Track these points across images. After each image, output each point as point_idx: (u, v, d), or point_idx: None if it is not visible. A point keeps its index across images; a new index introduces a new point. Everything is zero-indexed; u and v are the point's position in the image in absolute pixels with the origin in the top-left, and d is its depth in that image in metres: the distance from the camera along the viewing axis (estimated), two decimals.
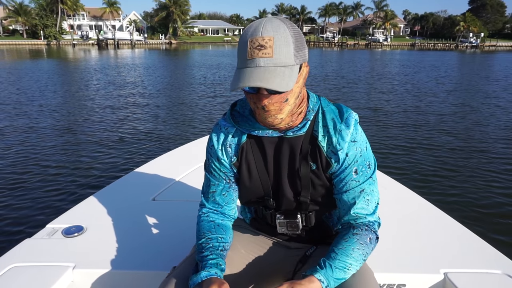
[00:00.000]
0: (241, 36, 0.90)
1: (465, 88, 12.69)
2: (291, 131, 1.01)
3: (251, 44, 0.85)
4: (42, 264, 1.33)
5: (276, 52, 0.85)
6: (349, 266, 0.97)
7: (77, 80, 13.84)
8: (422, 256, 1.41)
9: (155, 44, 61.84)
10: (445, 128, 7.00)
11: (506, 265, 1.34)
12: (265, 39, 0.85)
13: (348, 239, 1.01)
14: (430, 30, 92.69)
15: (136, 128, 6.80)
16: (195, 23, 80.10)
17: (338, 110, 1.04)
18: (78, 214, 1.74)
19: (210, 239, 1.07)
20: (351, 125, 1.01)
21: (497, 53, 48.34)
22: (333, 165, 1.03)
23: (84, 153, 5.31)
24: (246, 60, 0.86)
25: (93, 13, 69.15)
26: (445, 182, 4.33)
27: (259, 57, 0.85)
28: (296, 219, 1.11)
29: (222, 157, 1.09)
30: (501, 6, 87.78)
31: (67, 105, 8.95)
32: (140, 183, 2.12)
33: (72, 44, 52.03)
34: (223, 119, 1.12)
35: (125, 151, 5.43)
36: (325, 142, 1.02)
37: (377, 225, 1.07)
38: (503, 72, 19.04)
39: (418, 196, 2.00)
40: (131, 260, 1.37)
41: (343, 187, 1.04)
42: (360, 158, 1.02)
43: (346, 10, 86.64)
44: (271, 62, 0.85)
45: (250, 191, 1.11)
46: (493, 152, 5.55)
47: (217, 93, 11.28)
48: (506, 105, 9.47)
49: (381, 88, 12.49)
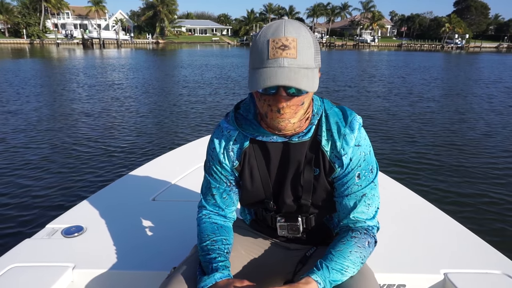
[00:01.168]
0: (258, 36, 0.87)
1: (460, 89, 12.68)
2: (296, 136, 0.99)
3: (273, 44, 0.82)
4: (42, 264, 1.33)
5: (299, 53, 0.83)
6: (346, 268, 0.97)
7: (73, 79, 13.65)
8: (422, 256, 1.41)
9: (142, 44, 61.14)
10: (444, 128, 6.99)
11: (506, 265, 1.34)
12: (288, 39, 0.82)
13: (346, 242, 1.01)
14: (416, 31, 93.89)
15: (136, 128, 6.81)
16: (182, 23, 79.40)
17: (342, 113, 1.02)
18: (78, 214, 1.73)
19: (215, 241, 1.05)
20: (356, 129, 0.99)
21: (482, 54, 49.34)
22: (336, 170, 1.01)
23: (84, 153, 5.29)
24: (266, 60, 0.83)
25: (78, 11, 67.89)
26: (445, 182, 4.32)
27: (282, 57, 0.82)
28: (296, 222, 1.10)
29: (224, 161, 1.07)
30: (485, 8, 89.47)
31: (65, 105, 8.88)
32: (140, 184, 2.12)
33: (56, 43, 51.14)
34: (225, 120, 1.08)
35: (124, 151, 5.43)
36: (328, 147, 1.01)
37: (376, 229, 1.07)
38: (496, 74, 19.20)
39: (418, 196, 1.99)
40: (131, 260, 1.37)
41: (345, 191, 1.02)
42: (364, 163, 1.01)
43: (334, 11, 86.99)
44: (295, 63, 0.82)
45: (251, 194, 1.09)
46: (493, 152, 5.54)
47: (215, 92, 11.29)
48: (503, 106, 9.49)
49: (373, 87, 12.36)
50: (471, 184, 4.28)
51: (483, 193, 4.03)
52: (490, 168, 4.81)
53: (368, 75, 17.35)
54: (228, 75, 16.61)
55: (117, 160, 5.03)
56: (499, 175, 4.57)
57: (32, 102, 9.14)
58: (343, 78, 15.99)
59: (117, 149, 5.51)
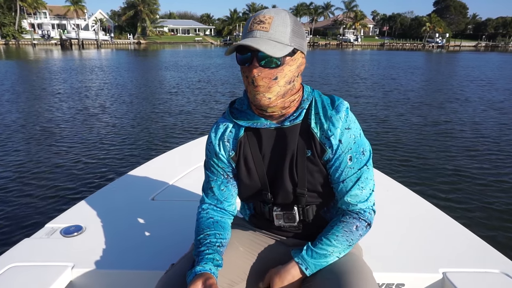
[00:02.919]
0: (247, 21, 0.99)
1: (450, 88, 12.64)
2: (288, 120, 1.04)
3: (252, 21, 0.94)
4: (41, 263, 1.33)
5: (272, 28, 0.92)
6: (331, 252, 1.03)
7: (66, 79, 13.23)
8: (420, 255, 1.41)
9: (123, 44, 59.96)
10: (442, 128, 6.98)
11: (504, 264, 1.35)
12: (265, 16, 0.93)
13: (334, 226, 1.06)
14: (398, 31, 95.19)
15: (135, 128, 6.82)
16: (164, 23, 78.32)
17: (329, 99, 1.07)
18: (77, 214, 1.73)
19: (208, 235, 1.08)
20: (342, 111, 1.03)
21: (462, 53, 50.40)
22: (327, 150, 1.04)
23: (83, 153, 5.28)
24: (244, 34, 0.95)
25: (56, 11, 66.04)
26: (443, 182, 4.31)
27: (256, 30, 0.92)
28: (292, 210, 1.12)
29: (220, 151, 1.11)
30: (463, 8, 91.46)
31: (62, 105, 8.97)
32: (139, 183, 2.11)
33: (33, 44, 49.47)
34: (222, 117, 1.14)
35: (124, 151, 5.43)
36: (318, 129, 1.05)
37: (370, 212, 1.08)
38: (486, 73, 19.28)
39: (417, 196, 1.98)
40: (130, 259, 1.37)
41: (340, 176, 1.05)
42: (354, 145, 1.04)
43: (317, 10, 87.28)
44: (266, 35, 0.92)
45: (248, 185, 1.12)
46: (492, 151, 5.53)
47: (212, 92, 11.40)
48: (494, 103, 9.54)
49: (364, 87, 12.18)
50: (470, 183, 4.26)
51: (482, 193, 4.00)
52: (488, 167, 4.80)
53: (360, 77, 17.14)
54: (222, 75, 16.68)
55: (117, 160, 5.03)
56: (498, 174, 4.55)
57: (22, 102, 8.89)
58: (334, 79, 15.72)
59: (117, 149, 5.51)
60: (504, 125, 7.33)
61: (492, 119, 7.87)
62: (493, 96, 11.15)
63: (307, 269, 1.02)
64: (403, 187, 2.13)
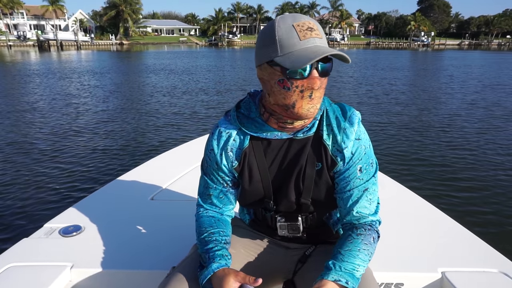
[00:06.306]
0: (276, 26, 0.86)
1: (450, 87, 12.00)
2: (301, 132, 0.99)
3: (299, 28, 0.84)
4: (40, 263, 1.33)
5: (322, 35, 0.87)
6: (357, 267, 0.94)
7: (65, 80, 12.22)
8: (419, 255, 1.42)
9: (105, 45, 58.06)
10: (442, 127, 6.90)
11: (503, 264, 1.35)
12: (311, 23, 0.86)
13: (353, 241, 0.98)
14: (383, 29, 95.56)
15: (134, 128, 6.78)
16: (148, 23, 76.55)
17: (340, 109, 1.02)
18: (76, 214, 1.72)
19: (212, 233, 1.04)
20: (355, 123, 0.99)
21: (447, 51, 50.65)
22: (338, 163, 1.00)
23: (82, 152, 5.26)
24: (297, 43, 0.84)
25: (34, 11, 63.52)
26: (442, 181, 4.26)
27: (313, 37, 0.84)
28: (297, 221, 1.08)
29: (222, 162, 1.05)
30: (447, 7, 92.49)
31: (64, 105, 8.98)
32: (138, 183, 2.10)
33: (8, 45, 47.12)
34: (225, 119, 1.06)
35: (123, 150, 5.40)
36: (330, 141, 1.00)
37: (379, 224, 1.06)
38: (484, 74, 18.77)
39: (416, 195, 1.98)
40: (129, 259, 1.37)
41: (347, 185, 1.01)
42: (364, 156, 1.01)
43: (302, 10, 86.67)
44: (323, 42, 0.86)
45: (251, 193, 1.07)
46: (491, 151, 5.47)
47: (211, 92, 11.30)
48: (494, 103, 9.39)
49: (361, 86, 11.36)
50: (469, 183, 4.23)
51: (481, 192, 3.97)
52: (487, 167, 4.76)
53: (354, 77, 16.31)
54: (221, 75, 16.74)
55: (116, 159, 5.00)
56: (497, 174, 4.50)
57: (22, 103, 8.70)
58: None
59: (116, 148, 5.48)
60: (504, 127, 7.00)
61: (492, 119, 7.61)
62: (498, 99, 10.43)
63: (347, 283, 0.89)
64: (402, 186, 2.10)
